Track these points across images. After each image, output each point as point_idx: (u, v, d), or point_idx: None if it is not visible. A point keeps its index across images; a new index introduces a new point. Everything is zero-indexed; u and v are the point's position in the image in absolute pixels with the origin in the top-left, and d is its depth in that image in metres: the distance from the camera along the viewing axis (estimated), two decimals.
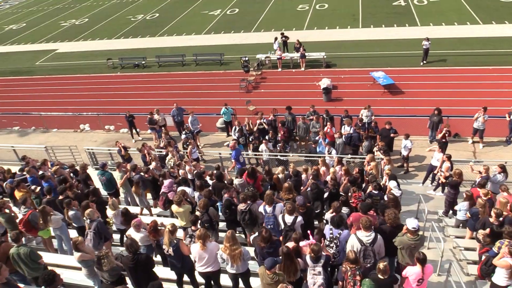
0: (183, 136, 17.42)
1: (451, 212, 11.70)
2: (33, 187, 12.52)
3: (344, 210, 9.19)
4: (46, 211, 9.83)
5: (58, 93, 27.45)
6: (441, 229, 11.02)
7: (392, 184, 10.74)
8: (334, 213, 8.38)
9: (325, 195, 10.54)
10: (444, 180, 12.39)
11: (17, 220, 10.34)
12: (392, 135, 15.17)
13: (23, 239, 10.88)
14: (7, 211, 10.52)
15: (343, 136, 15.56)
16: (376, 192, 10.13)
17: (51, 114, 23.34)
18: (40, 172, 13.55)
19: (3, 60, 35.82)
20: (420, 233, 7.83)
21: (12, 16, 51.34)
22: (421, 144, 16.79)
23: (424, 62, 23.74)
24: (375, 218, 8.66)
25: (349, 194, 10.30)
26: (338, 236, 7.88)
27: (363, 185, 11.31)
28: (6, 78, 31.69)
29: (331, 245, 7.84)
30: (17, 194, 11.81)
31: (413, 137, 15.38)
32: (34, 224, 10.08)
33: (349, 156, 15.51)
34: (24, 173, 13.50)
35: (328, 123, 16.19)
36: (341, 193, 10.59)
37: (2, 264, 7.43)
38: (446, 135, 14.76)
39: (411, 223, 7.46)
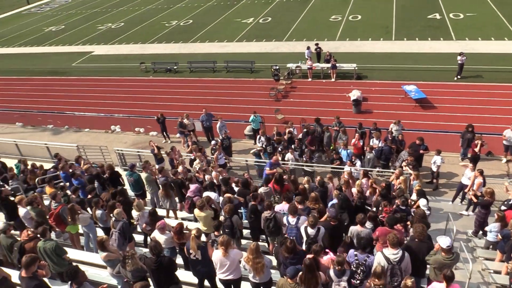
0: (212, 142, 17.60)
1: (481, 232, 11.35)
2: (62, 184, 12.90)
3: (368, 225, 9.03)
4: (74, 209, 10.08)
5: (91, 94, 28.19)
6: (470, 249, 10.69)
7: (422, 202, 10.48)
8: (359, 227, 8.26)
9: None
10: (475, 199, 12.02)
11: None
12: (421, 151, 14.84)
13: (53, 233, 11.22)
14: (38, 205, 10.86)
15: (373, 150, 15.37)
16: (403, 207, 9.93)
17: (84, 114, 24.01)
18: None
19: (43, 60, 37.12)
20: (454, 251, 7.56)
21: (52, 18, 53.18)
22: (452, 161, 16.38)
23: (459, 77, 23.21)
24: (401, 234, 8.49)
25: (380, 208, 10.10)
26: (365, 262, 7.53)
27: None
28: (44, 78, 32.81)
29: (358, 271, 7.40)
30: (48, 190, 12.17)
31: (444, 153, 15.02)
32: (64, 219, 10.35)
33: (376, 169, 15.33)
34: (57, 170, 13.92)
35: (356, 135, 16.03)
36: (367, 207, 10.43)
37: (37, 257, 7.61)
38: (482, 146, 14.34)
39: (444, 241, 7.21)
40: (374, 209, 10.26)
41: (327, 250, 7.83)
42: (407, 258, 7.37)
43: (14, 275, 8.44)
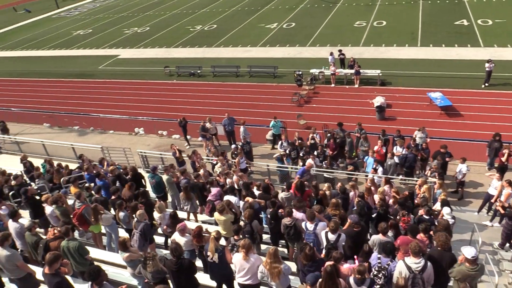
0: (233, 146, 17.67)
1: (507, 245, 11.02)
2: (87, 185, 13.15)
3: (389, 233, 8.87)
4: (97, 209, 10.24)
5: (117, 97, 28.70)
6: (496, 262, 10.39)
7: (445, 210, 10.26)
8: (381, 236, 8.13)
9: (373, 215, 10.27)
10: (502, 211, 11.68)
11: None
12: (447, 159, 14.56)
13: (77, 233, 11.44)
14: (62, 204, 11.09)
15: (395, 157, 15.16)
16: (427, 217, 9.73)
17: (109, 116, 24.44)
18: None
19: (70, 63, 38.04)
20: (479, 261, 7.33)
21: (80, 22, 54.49)
22: (478, 170, 15.97)
23: (486, 84, 22.67)
24: (425, 244, 8.32)
25: (398, 217, 9.95)
26: (387, 266, 7.44)
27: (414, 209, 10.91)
28: (71, 80, 33.60)
29: (379, 275, 7.35)
30: (73, 190, 12.42)
31: (470, 162, 14.70)
32: (86, 219, 10.55)
33: (400, 177, 15.11)
34: (81, 170, 14.20)
35: (379, 141, 15.83)
36: (390, 216, 10.27)
37: (60, 254, 7.76)
38: (510, 156, 13.96)
39: (469, 251, 7.02)
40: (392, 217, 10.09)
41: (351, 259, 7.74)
42: (429, 268, 7.18)
43: (39, 272, 8.64)
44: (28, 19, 61.62)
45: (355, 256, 7.78)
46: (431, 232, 8.77)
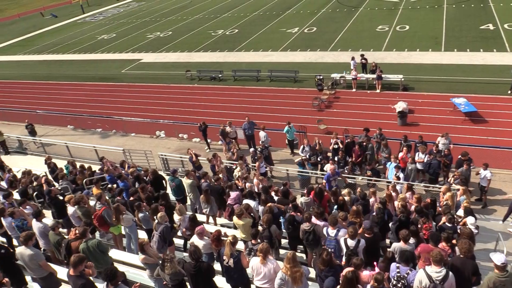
0: (251, 150, 17.68)
1: None
2: (109, 186, 13.36)
3: (411, 241, 8.72)
4: (120, 209, 10.38)
5: (139, 100, 29.09)
6: None
7: (470, 220, 9.97)
8: (402, 244, 7.99)
9: (392, 222, 10.10)
10: None
11: None
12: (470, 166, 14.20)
13: (97, 233, 11.62)
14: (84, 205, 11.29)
15: (417, 163, 14.93)
16: (449, 225, 9.52)
17: (131, 119, 24.80)
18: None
19: (94, 67, 38.78)
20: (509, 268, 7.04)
21: (104, 27, 55.54)
22: (503, 178, 15.59)
23: None
24: (446, 253, 8.13)
25: (419, 225, 9.73)
26: (406, 276, 7.30)
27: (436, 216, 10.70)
28: (95, 83, 34.22)
29: (399, 285, 7.23)
30: (95, 191, 12.64)
31: (495, 170, 14.36)
32: (106, 220, 10.70)
33: (422, 184, 14.86)
34: (103, 172, 14.45)
35: (404, 149, 15.59)
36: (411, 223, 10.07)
37: (85, 256, 7.89)
38: None
39: (498, 258, 6.80)
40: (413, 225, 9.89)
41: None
42: (451, 278, 6.99)
43: (60, 271, 8.81)
44: (55, 24, 63.14)
45: (375, 263, 7.66)
46: (454, 241, 8.58)
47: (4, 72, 41.79)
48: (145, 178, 14.17)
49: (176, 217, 10.75)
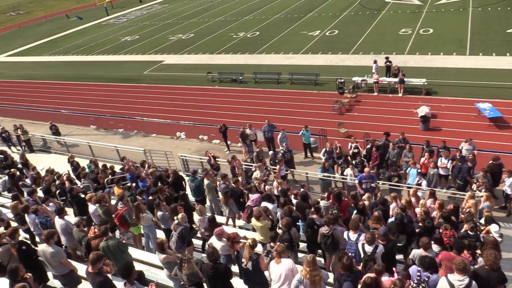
0: (270, 153, 17.65)
1: None
2: (128, 184, 13.53)
3: (435, 248, 8.55)
4: (140, 208, 10.50)
5: (160, 101, 29.38)
6: None
7: (494, 228, 9.71)
8: (422, 251, 7.84)
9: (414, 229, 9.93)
10: None
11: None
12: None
13: (118, 233, 11.77)
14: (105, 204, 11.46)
15: (440, 169, 14.66)
16: (471, 233, 9.30)
17: (152, 120, 25.07)
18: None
19: (117, 68, 39.39)
20: None
21: (128, 29, 56.36)
22: None
23: None
24: (468, 261, 7.94)
25: (440, 231, 9.54)
26: (427, 279, 7.19)
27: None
28: (118, 84, 34.75)
29: None
30: (116, 191, 12.81)
31: None
32: (127, 220, 10.84)
33: (444, 190, 14.59)
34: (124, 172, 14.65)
35: (426, 154, 15.33)
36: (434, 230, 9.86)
37: (103, 254, 8.00)
38: None
39: None
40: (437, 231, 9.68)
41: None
42: (474, 287, 6.83)
43: (81, 269, 8.95)
44: (80, 26, 64.41)
45: (394, 269, 7.54)
46: (478, 252, 8.37)
47: (30, 73, 42.86)
48: (167, 179, 14.30)
49: (196, 217, 10.79)
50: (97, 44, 50.23)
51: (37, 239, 11.26)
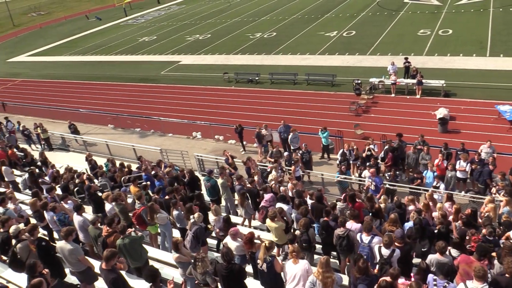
0: (285, 154, 17.61)
1: None
2: (143, 183, 13.67)
3: (454, 253, 8.39)
4: (154, 208, 10.60)
5: (177, 101, 29.59)
6: None
7: None
8: (438, 255, 7.72)
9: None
10: None
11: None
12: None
13: (133, 231, 11.89)
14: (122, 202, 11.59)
15: (458, 172, 14.43)
16: (490, 238, 9.12)
17: (169, 120, 25.26)
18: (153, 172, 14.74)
19: (135, 68, 39.82)
20: None
21: (146, 29, 56.89)
22: None
23: None
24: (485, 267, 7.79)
25: (467, 237, 9.15)
26: None
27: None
28: (136, 84, 35.12)
29: None
30: (132, 189, 12.95)
31: None
32: (144, 219, 10.95)
33: (463, 193, 14.35)
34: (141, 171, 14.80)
35: (440, 155, 15.12)
36: (452, 236, 9.68)
37: (117, 251, 8.10)
38: None
39: None
40: (458, 237, 9.49)
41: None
42: None
43: (97, 266, 9.07)
44: (99, 26, 65.29)
45: (411, 274, 7.44)
46: (494, 254, 8.21)
47: (50, 72, 43.61)
48: (182, 178, 14.40)
49: (211, 217, 10.83)
50: (116, 44, 50.83)
51: (55, 235, 11.45)
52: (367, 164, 15.58)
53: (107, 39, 54.86)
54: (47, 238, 10.28)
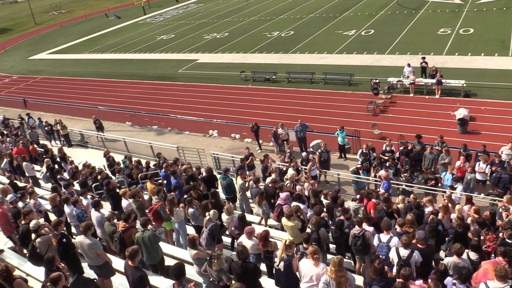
0: (303, 154, 17.56)
1: None
2: (160, 181, 13.78)
3: (473, 256, 8.26)
4: (174, 201, 10.65)
5: (194, 99, 29.76)
6: None
7: None
8: (456, 258, 7.59)
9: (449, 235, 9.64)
10: None
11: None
12: None
13: (149, 227, 12.02)
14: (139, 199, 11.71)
15: (477, 173, 14.18)
16: (510, 241, 8.93)
17: (186, 118, 25.42)
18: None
19: (153, 66, 40.18)
20: None
21: (164, 28, 57.35)
22: None
23: None
24: None
25: (481, 237, 9.07)
26: None
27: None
28: (153, 82, 35.47)
29: None
30: (149, 186, 13.07)
31: None
32: (161, 215, 11.06)
33: (482, 195, 14.11)
34: (158, 168, 14.91)
35: (461, 157, 14.87)
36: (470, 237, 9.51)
37: (139, 248, 8.15)
38: None
39: None
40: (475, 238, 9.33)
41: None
42: None
43: (115, 261, 9.20)
44: (118, 25, 66.07)
45: (429, 277, 7.33)
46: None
47: (70, 70, 44.34)
48: (198, 177, 14.47)
49: (224, 216, 10.85)
50: (134, 42, 51.37)
51: (73, 230, 11.63)
52: (386, 164, 15.39)
53: (126, 37, 55.50)
54: (69, 236, 10.42)
